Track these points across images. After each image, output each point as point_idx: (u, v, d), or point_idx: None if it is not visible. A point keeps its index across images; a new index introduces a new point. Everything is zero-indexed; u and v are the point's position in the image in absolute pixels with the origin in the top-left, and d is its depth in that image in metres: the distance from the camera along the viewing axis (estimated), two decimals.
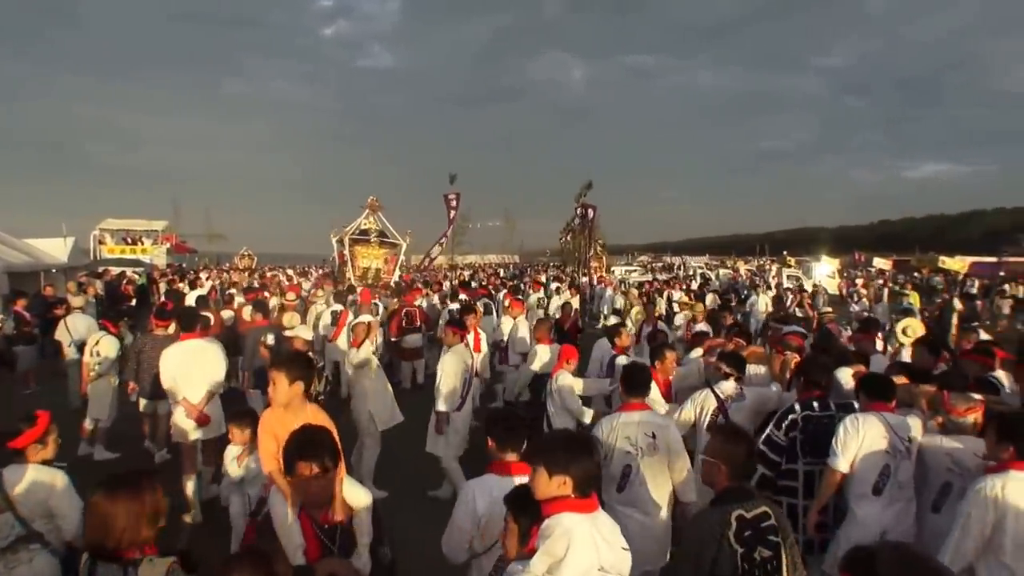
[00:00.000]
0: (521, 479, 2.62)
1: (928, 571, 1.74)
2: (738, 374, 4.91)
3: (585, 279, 23.68)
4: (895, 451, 3.74)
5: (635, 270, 34.28)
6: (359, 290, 12.18)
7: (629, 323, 10.38)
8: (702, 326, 8.76)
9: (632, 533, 3.21)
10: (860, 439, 3.75)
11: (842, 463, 3.77)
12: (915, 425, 3.87)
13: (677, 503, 4.01)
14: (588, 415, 5.66)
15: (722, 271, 34.99)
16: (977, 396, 3.88)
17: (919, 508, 3.81)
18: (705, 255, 60.17)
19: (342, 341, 9.24)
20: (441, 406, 6.10)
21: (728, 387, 4.82)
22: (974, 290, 21.16)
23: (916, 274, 33.35)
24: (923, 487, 3.83)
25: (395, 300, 11.91)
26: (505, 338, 9.55)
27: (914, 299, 15.48)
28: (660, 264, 43.65)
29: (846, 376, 4.85)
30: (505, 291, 15.21)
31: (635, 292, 14.53)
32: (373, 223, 17.09)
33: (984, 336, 7.61)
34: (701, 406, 4.79)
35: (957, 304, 13.95)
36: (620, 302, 15.30)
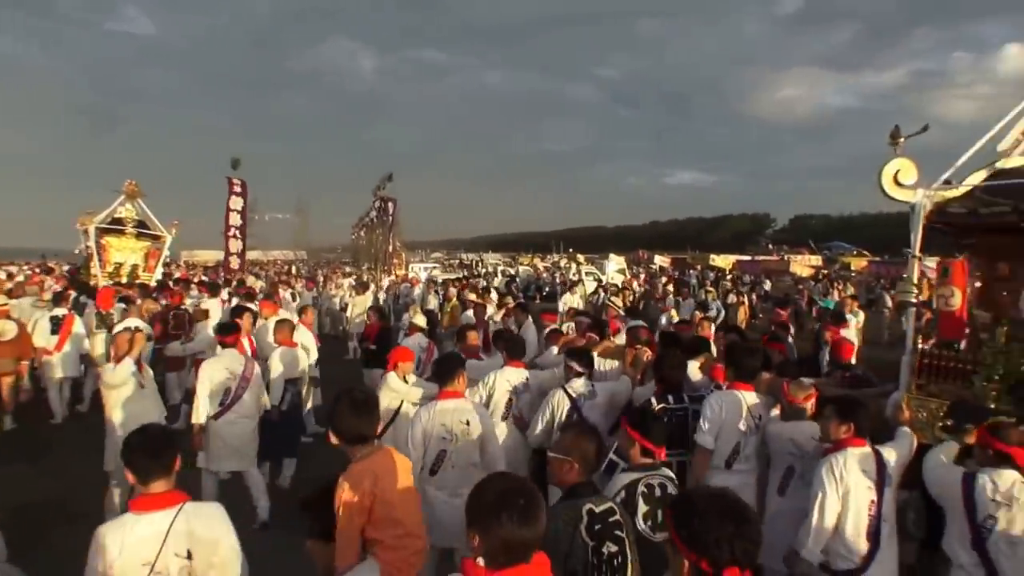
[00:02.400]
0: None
1: (733, 502, 1.82)
2: (588, 371, 4.96)
3: (391, 278, 21.99)
4: (748, 428, 4.08)
5: (435, 267, 33.16)
6: (99, 290, 10.83)
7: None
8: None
9: (440, 514, 3.97)
10: (722, 417, 4.03)
11: (709, 440, 4.03)
12: (765, 403, 4.19)
13: None
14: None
15: (522, 268, 35.24)
16: (809, 382, 4.29)
17: (767, 491, 4.05)
18: (498, 252, 61.05)
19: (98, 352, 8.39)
20: (196, 416, 5.71)
21: (579, 385, 4.83)
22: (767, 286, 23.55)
23: (692, 271, 36.36)
24: (769, 471, 4.12)
25: (146, 301, 10.41)
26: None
27: (712, 295, 17.22)
28: (456, 261, 43.05)
29: (693, 368, 5.10)
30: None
31: (453, 291, 13.86)
32: (130, 211, 14.18)
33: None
34: (555, 408, 4.75)
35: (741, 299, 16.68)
36: (433, 302, 14.69)
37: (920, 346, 4.16)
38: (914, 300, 4.16)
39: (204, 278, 19.45)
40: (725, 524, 1.73)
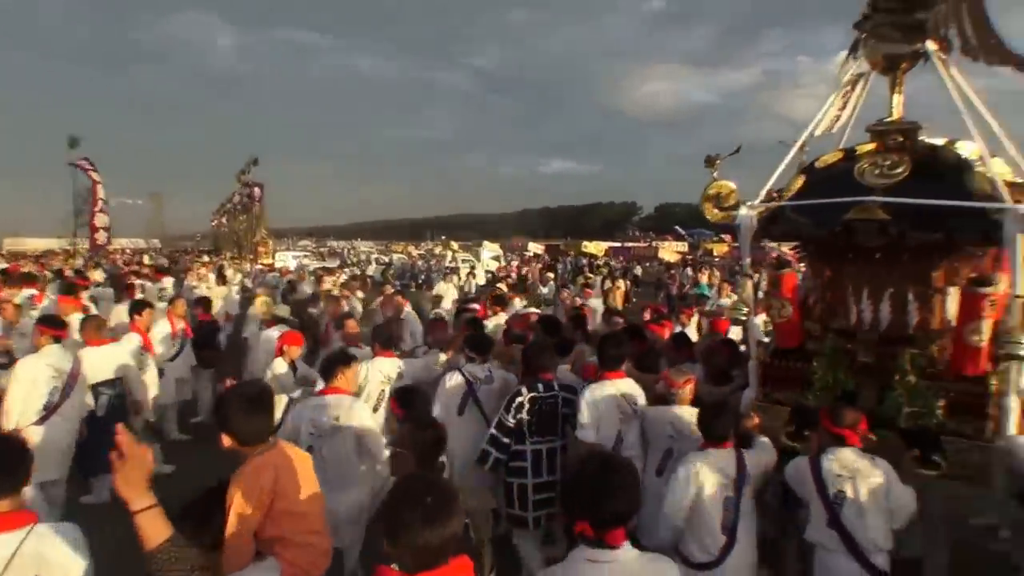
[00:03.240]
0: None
1: (620, 463, 2.22)
2: (483, 357, 5.00)
3: (258, 267, 20.97)
4: (625, 416, 4.23)
5: (305, 255, 31.91)
6: None
7: None
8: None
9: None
10: (599, 409, 4.14)
11: (590, 434, 4.13)
12: (639, 391, 4.33)
13: None
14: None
15: (396, 256, 34.66)
16: (687, 367, 4.54)
17: (645, 472, 4.14)
18: (370, 240, 59.70)
19: None
20: (4, 421, 4.99)
21: (477, 369, 4.90)
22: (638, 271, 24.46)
23: (568, 256, 37.23)
24: (648, 453, 4.25)
25: None
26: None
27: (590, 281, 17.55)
28: (326, 249, 41.65)
29: (564, 369, 5.17)
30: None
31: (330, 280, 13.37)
32: None
33: None
34: (450, 387, 4.78)
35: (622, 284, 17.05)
36: (309, 291, 13.72)
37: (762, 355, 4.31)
38: (744, 317, 4.30)
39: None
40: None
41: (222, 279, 14.85)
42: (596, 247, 45.82)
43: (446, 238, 53.91)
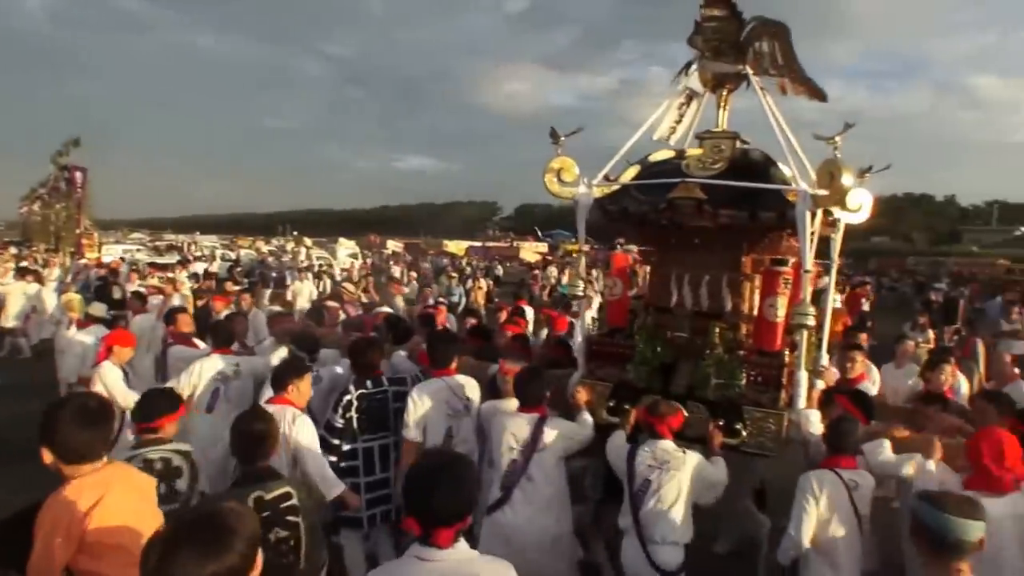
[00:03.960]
0: None
1: (453, 462, 2.16)
2: (311, 356, 4.96)
3: (83, 261, 19.17)
4: (456, 411, 4.25)
5: (138, 249, 29.55)
6: None
7: None
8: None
9: None
10: (425, 407, 4.16)
11: (415, 433, 4.16)
12: (471, 385, 4.38)
13: None
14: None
15: (243, 252, 32.94)
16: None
17: (482, 465, 4.21)
18: (213, 234, 56.34)
19: None
20: None
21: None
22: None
23: (429, 255, 37.25)
24: (484, 446, 4.31)
25: None
26: None
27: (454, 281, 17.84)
28: (163, 243, 38.70)
29: (401, 355, 5.22)
30: None
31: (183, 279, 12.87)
32: None
33: None
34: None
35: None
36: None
37: (590, 333, 4.61)
38: (581, 293, 4.54)
39: None
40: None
41: (27, 274, 13.05)
42: (457, 246, 46.11)
43: (298, 234, 52.08)
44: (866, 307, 15.52)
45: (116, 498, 2.38)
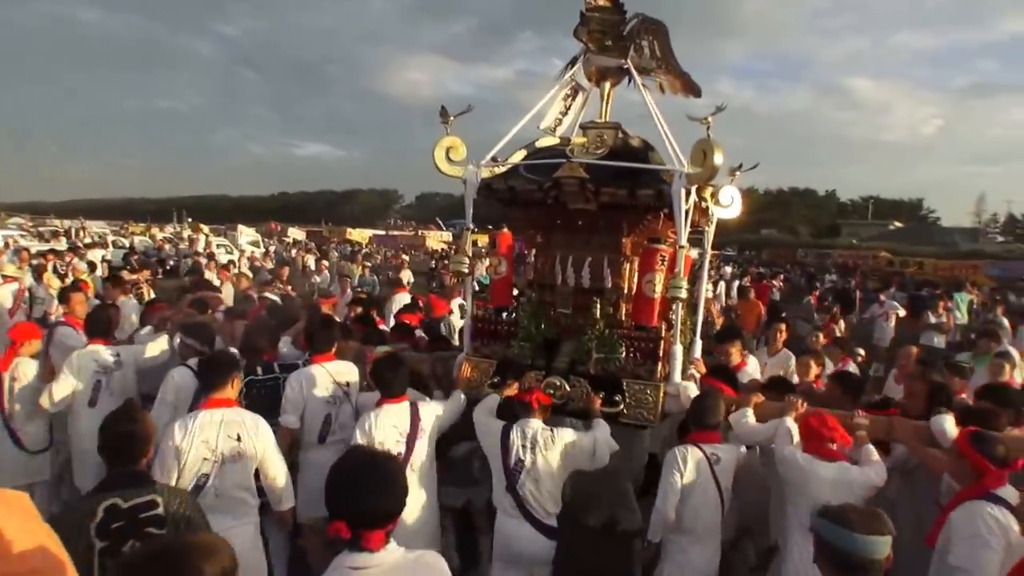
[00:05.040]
0: None
1: (380, 460, 2.08)
2: (209, 346, 4.76)
3: None
4: (335, 398, 4.25)
5: (21, 235, 27.45)
6: None
7: None
8: None
9: None
10: (303, 394, 4.13)
11: (292, 419, 4.13)
12: (350, 370, 4.38)
13: None
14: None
15: (137, 239, 31.20)
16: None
17: None
18: (101, 220, 52.96)
19: None
20: None
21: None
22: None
23: (332, 243, 36.47)
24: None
25: None
26: None
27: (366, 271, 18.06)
28: (47, 229, 36.08)
29: (286, 340, 5.20)
30: None
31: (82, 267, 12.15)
32: None
33: None
34: (176, 384, 4.35)
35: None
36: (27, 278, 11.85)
37: (475, 312, 4.68)
38: (467, 270, 4.57)
39: None
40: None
41: None
42: (360, 234, 45.34)
43: (193, 220, 49.82)
44: (776, 296, 16.32)
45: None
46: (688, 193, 3.83)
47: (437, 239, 43.90)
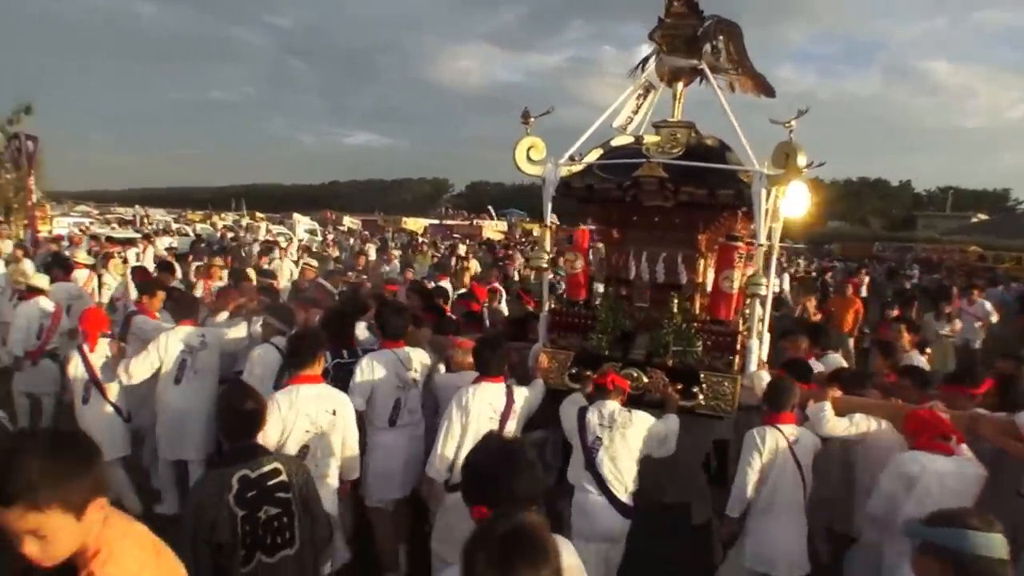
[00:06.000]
0: None
1: (514, 447, 2.22)
2: (289, 329, 5.04)
3: (41, 235, 18.69)
4: (405, 384, 4.46)
5: (91, 223, 28.90)
6: None
7: None
8: None
9: None
10: (373, 378, 4.35)
11: (359, 402, 4.28)
12: (420, 357, 4.60)
13: None
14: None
15: (200, 227, 32.51)
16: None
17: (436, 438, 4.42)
18: (160, 208, 55.07)
19: None
20: None
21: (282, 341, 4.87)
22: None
23: (387, 232, 37.15)
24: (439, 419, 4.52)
25: None
26: None
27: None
28: (113, 216, 37.81)
29: (362, 327, 5.44)
30: None
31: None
32: None
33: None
34: (258, 361, 4.78)
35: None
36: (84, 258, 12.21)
37: (552, 304, 4.95)
38: (545, 265, 4.88)
39: None
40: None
41: None
42: (415, 223, 45.97)
43: (249, 209, 51.32)
44: (863, 293, 15.43)
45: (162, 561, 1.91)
46: (768, 193, 4.03)
47: (493, 228, 44.22)
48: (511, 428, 4.03)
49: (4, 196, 21.27)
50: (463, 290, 9.32)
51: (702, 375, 4.23)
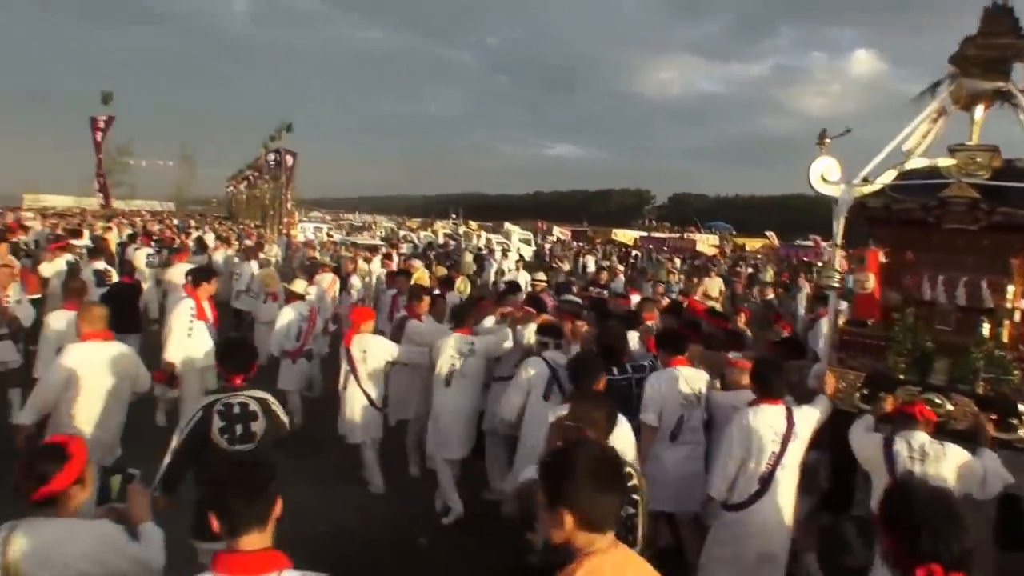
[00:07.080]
0: None
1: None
2: (556, 341, 5.35)
3: (289, 239, 21.60)
4: (688, 401, 4.69)
5: (329, 228, 32.56)
6: None
7: None
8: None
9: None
10: (662, 394, 4.60)
11: (652, 417, 4.58)
12: (701, 377, 4.82)
13: None
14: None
15: (423, 234, 35.29)
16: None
17: (713, 453, 4.63)
18: (381, 215, 60.05)
19: None
20: None
21: (557, 355, 5.20)
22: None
23: (597, 243, 37.68)
24: (713, 433, 4.81)
25: None
26: None
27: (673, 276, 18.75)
28: (346, 223, 42.25)
29: (634, 339, 5.76)
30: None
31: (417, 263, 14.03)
32: None
33: None
34: (531, 378, 5.07)
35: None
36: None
37: (839, 324, 4.98)
38: (836, 284, 4.88)
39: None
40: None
41: (254, 253, 13.82)
42: (625, 235, 45.91)
43: (462, 218, 54.15)
44: None
45: None
46: None
47: (706, 243, 43.27)
48: (794, 451, 4.04)
49: (262, 204, 24.70)
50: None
51: (1021, 407, 4.05)
